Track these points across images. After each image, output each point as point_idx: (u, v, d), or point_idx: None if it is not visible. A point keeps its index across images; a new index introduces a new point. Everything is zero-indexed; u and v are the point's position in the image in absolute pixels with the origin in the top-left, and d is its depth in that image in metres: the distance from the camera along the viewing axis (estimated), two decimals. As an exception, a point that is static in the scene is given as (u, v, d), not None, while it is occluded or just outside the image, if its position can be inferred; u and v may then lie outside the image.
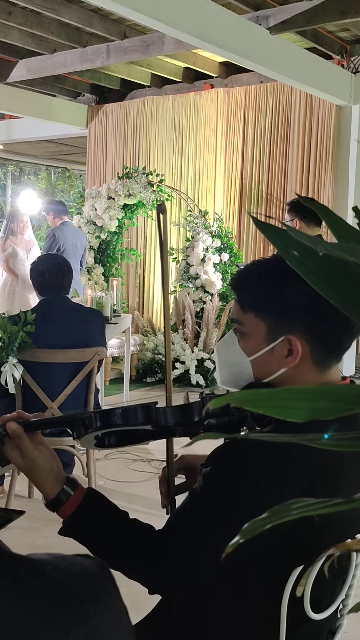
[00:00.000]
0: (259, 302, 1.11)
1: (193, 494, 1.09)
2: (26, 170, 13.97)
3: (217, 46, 4.55)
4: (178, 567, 1.07)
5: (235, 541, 0.44)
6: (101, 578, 0.60)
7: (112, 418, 1.11)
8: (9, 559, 0.57)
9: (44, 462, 1.12)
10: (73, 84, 7.59)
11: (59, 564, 0.58)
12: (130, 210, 6.86)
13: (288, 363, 1.10)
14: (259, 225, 0.64)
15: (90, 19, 5.35)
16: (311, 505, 0.43)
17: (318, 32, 5.54)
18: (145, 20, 4.12)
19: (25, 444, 1.11)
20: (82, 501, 1.12)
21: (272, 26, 4.95)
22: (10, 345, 2.96)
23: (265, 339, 1.11)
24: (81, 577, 0.58)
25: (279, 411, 0.45)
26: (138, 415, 1.11)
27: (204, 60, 6.51)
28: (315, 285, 0.63)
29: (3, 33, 5.63)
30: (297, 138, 6.39)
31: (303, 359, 1.10)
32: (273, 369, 1.11)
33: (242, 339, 1.15)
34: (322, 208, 0.64)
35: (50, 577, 0.56)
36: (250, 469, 1.03)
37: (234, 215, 6.87)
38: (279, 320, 1.10)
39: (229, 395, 0.44)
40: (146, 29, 5.46)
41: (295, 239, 0.63)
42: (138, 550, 1.10)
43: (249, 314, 1.13)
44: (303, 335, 1.09)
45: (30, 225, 6.34)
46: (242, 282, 1.15)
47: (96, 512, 1.13)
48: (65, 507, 1.12)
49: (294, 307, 1.08)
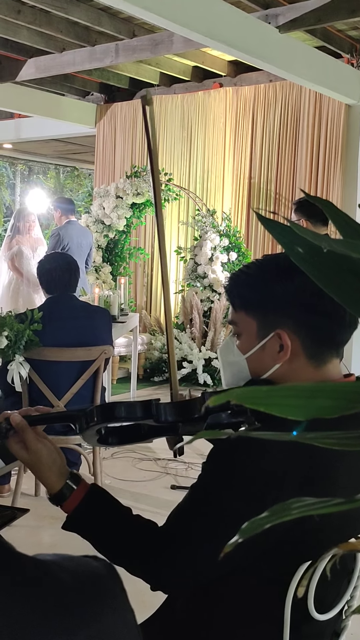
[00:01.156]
0: (247, 300, 1.15)
1: (193, 491, 1.09)
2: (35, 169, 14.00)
3: (226, 45, 4.53)
4: (178, 566, 1.08)
5: (234, 540, 0.43)
6: (108, 579, 0.60)
7: (112, 412, 1.11)
8: (14, 559, 0.57)
9: (48, 454, 1.13)
10: (82, 82, 7.60)
11: (65, 564, 0.58)
12: (139, 209, 6.86)
13: (280, 358, 1.12)
14: (262, 221, 0.64)
15: (99, 17, 5.35)
16: (312, 505, 0.42)
17: (328, 30, 5.51)
18: (154, 19, 4.11)
19: (29, 436, 1.12)
20: (85, 496, 1.13)
21: (282, 25, 4.93)
22: (17, 344, 2.97)
23: (257, 336, 1.14)
24: (88, 578, 0.58)
25: (280, 409, 0.44)
26: (138, 410, 1.11)
27: (213, 59, 6.50)
28: (320, 282, 0.62)
29: (12, 32, 5.64)
30: (306, 137, 6.37)
31: (295, 354, 1.11)
32: (268, 366, 1.13)
33: (238, 339, 1.17)
34: (327, 204, 0.63)
35: (56, 577, 0.56)
36: (249, 467, 1.04)
37: (242, 215, 6.86)
38: (267, 316, 1.13)
39: (229, 392, 0.44)
40: (155, 27, 5.45)
41: (300, 235, 0.62)
42: (139, 547, 1.10)
43: (240, 313, 1.16)
44: (292, 329, 1.11)
45: (38, 224, 6.35)
46: (232, 284, 1.19)
47: (99, 507, 1.14)
48: (69, 502, 1.13)
49: (280, 302, 1.11)
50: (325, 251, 0.61)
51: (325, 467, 1.05)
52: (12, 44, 6.11)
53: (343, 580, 1.14)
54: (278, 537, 1.01)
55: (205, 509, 1.06)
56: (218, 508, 1.04)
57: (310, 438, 0.47)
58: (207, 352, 6.07)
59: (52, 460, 1.13)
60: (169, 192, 6.65)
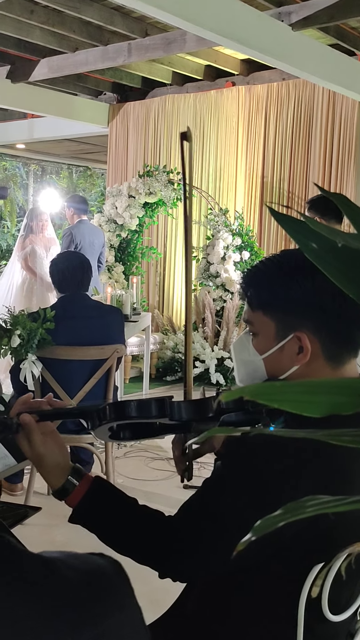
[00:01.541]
0: (265, 301, 1.12)
1: (205, 485, 1.09)
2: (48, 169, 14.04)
3: (239, 43, 4.52)
4: (186, 553, 1.08)
5: (247, 538, 0.42)
6: (115, 577, 0.59)
7: (126, 410, 1.11)
8: (19, 557, 0.56)
9: (50, 459, 1.14)
10: (95, 82, 7.61)
11: (71, 562, 0.58)
12: (151, 208, 6.86)
13: (299, 360, 1.10)
14: (276, 217, 0.63)
15: (111, 17, 5.35)
16: (327, 503, 0.41)
17: (341, 28, 5.47)
18: (167, 18, 4.10)
19: (35, 438, 1.13)
20: (88, 491, 1.13)
21: (295, 22, 4.90)
22: (30, 342, 2.97)
23: (275, 337, 1.12)
24: (93, 576, 0.57)
25: (294, 405, 0.43)
26: (152, 409, 1.11)
27: (226, 57, 6.48)
28: (334, 278, 0.62)
29: (25, 32, 5.65)
30: (319, 135, 6.34)
31: (314, 355, 1.09)
32: (285, 367, 1.11)
33: (254, 338, 1.15)
34: (340, 198, 0.62)
35: (61, 575, 0.55)
36: (262, 467, 1.03)
37: (255, 214, 6.83)
38: (286, 318, 1.10)
39: (242, 388, 0.43)
40: (167, 26, 5.45)
41: (314, 230, 0.61)
42: (147, 535, 1.11)
43: (257, 313, 1.14)
44: (312, 330, 1.09)
45: (51, 224, 6.37)
46: (248, 281, 1.16)
47: (103, 500, 1.14)
48: (72, 497, 1.14)
49: (300, 304, 1.09)
50: (340, 246, 0.60)
51: (341, 466, 1.04)
52: (25, 44, 6.13)
53: (358, 580, 1.12)
54: (292, 535, 1.00)
55: (216, 503, 1.06)
56: (229, 503, 1.04)
57: (326, 435, 0.46)
58: (220, 352, 6.05)
59: (55, 464, 1.14)
60: (181, 192, 6.64)
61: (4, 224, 12.77)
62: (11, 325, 3.04)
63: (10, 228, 12.91)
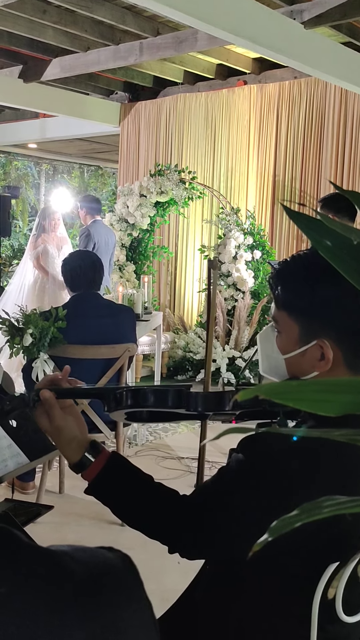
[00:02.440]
0: (290, 303, 1.11)
1: (221, 473, 1.11)
2: (59, 168, 14.08)
3: (251, 41, 4.51)
4: (196, 537, 1.10)
5: (263, 539, 0.42)
6: (122, 571, 0.59)
7: (143, 398, 1.13)
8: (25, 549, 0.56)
9: (69, 432, 1.16)
10: (106, 82, 7.62)
11: (78, 555, 0.58)
12: (162, 207, 6.86)
13: (320, 367, 1.09)
14: (290, 214, 0.62)
15: (123, 16, 5.36)
16: (343, 504, 0.40)
17: (353, 26, 5.44)
18: (179, 16, 4.10)
19: (55, 412, 1.15)
20: (104, 467, 1.15)
21: (307, 20, 4.88)
22: (42, 341, 2.98)
23: (298, 340, 1.11)
24: (100, 569, 0.57)
25: (310, 404, 0.43)
26: (169, 399, 1.12)
27: (237, 56, 6.47)
28: (349, 276, 0.61)
29: (37, 32, 5.67)
30: (331, 134, 6.31)
31: (336, 363, 1.09)
32: (306, 371, 1.11)
33: (278, 335, 1.15)
34: (355, 195, 0.62)
35: (67, 568, 0.55)
36: (275, 464, 1.03)
37: (267, 213, 6.81)
38: (311, 323, 1.09)
39: (258, 387, 0.43)
40: (179, 25, 5.44)
41: (328, 227, 0.60)
42: (160, 512, 1.13)
43: (282, 313, 1.13)
44: (334, 340, 1.08)
45: (63, 223, 6.39)
46: (277, 279, 1.15)
47: (119, 476, 1.16)
48: (88, 471, 1.16)
49: (325, 311, 1.07)
50: (355, 243, 0.59)
51: (357, 466, 1.04)
52: (37, 44, 6.15)
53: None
54: (309, 534, 0.99)
55: (230, 494, 1.07)
56: (242, 497, 1.05)
57: (342, 435, 0.46)
58: (231, 351, 6.04)
59: (72, 437, 1.16)
60: (193, 191, 6.64)
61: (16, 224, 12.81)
62: (23, 324, 3.05)
63: (22, 227, 12.96)
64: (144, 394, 1.13)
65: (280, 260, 1.21)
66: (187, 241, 7.39)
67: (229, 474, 1.09)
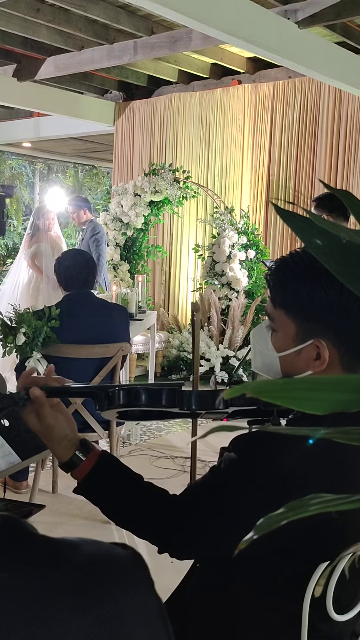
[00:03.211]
0: (288, 302, 1.10)
1: (213, 473, 1.10)
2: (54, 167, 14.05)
3: (245, 41, 4.51)
4: (185, 536, 1.10)
5: (249, 537, 0.42)
6: (129, 565, 0.59)
7: (135, 397, 1.13)
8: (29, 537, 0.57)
9: (59, 430, 1.15)
10: (100, 81, 7.61)
11: (84, 547, 0.58)
12: (157, 207, 6.86)
13: (316, 367, 1.09)
14: (280, 213, 0.62)
15: (117, 15, 5.35)
16: (330, 501, 0.40)
17: (347, 25, 5.45)
18: (173, 16, 4.09)
19: (45, 411, 1.14)
20: (94, 466, 1.14)
21: (301, 20, 4.89)
22: (35, 340, 2.97)
23: (294, 339, 1.10)
24: (104, 561, 0.57)
25: (298, 402, 0.43)
26: (162, 398, 1.12)
27: (232, 55, 6.47)
28: (339, 275, 0.61)
29: (31, 30, 5.66)
30: (325, 133, 6.32)
31: (331, 364, 1.08)
32: (300, 370, 1.10)
33: (273, 333, 1.15)
34: (345, 194, 0.62)
35: (68, 557, 0.56)
36: (268, 464, 1.03)
37: (261, 212, 6.82)
38: (308, 323, 1.09)
39: (245, 385, 0.42)
40: (173, 24, 5.44)
41: (319, 226, 0.60)
42: (149, 512, 1.13)
43: (279, 311, 1.12)
44: (332, 340, 1.07)
45: (57, 222, 6.38)
46: (275, 277, 1.14)
47: (109, 476, 1.16)
48: (78, 470, 1.15)
49: (324, 311, 1.07)
50: (345, 242, 0.59)
51: (347, 465, 1.04)
52: (31, 43, 6.13)
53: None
54: (297, 535, 1.00)
55: (221, 491, 1.07)
56: (234, 497, 1.05)
57: (330, 433, 0.46)
58: (225, 350, 6.05)
59: (63, 436, 1.15)
60: (187, 190, 6.64)
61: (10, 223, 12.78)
62: (16, 323, 3.04)
63: (17, 226, 12.93)
64: (136, 393, 1.12)
65: (277, 258, 1.19)
66: (181, 240, 7.39)
67: (220, 473, 1.09)
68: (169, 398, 1.11)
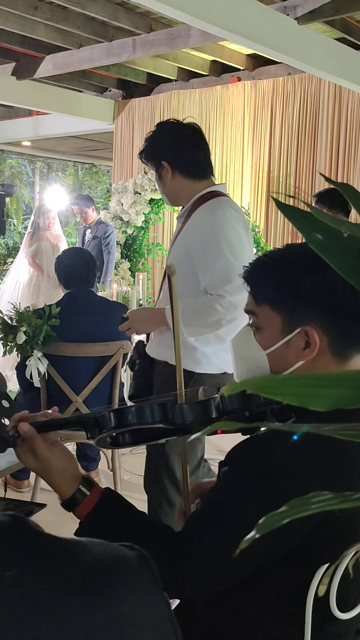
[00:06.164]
0: (273, 294, 1.09)
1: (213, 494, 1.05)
2: (54, 166, 14.04)
3: (245, 37, 4.49)
4: (199, 570, 1.04)
5: (251, 536, 0.41)
6: (136, 567, 0.59)
7: (126, 417, 1.08)
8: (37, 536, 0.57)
9: (58, 463, 1.10)
10: (99, 79, 7.59)
11: (92, 547, 0.58)
12: (157, 205, 6.84)
13: (306, 355, 1.07)
14: (281, 208, 0.62)
15: (116, 12, 5.33)
16: (332, 499, 0.40)
17: (347, 21, 5.43)
18: (172, 12, 4.08)
19: (38, 445, 1.09)
20: (98, 502, 1.09)
21: (300, 16, 4.87)
22: (35, 339, 2.97)
23: (281, 331, 1.09)
24: (112, 561, 0.57)
25: (298, 399, 0.42)
26: (154, 414, 1.08)
27: (231, 52, 6.45)
28: (339, 269, 0.60)
29: (29, 29, 5.64)
30: (325, 130, 6.30)
31: (321, 351, 1.07)
32: (290, 362, 1.09)
33: (257, 333, 1.12)
34: (347, 188, 0.61)
35: (76, 557, 0.56)
36: (272, 465, 0.99)
37: (261, 209, 6.81)
38: (294, 312, 1.07)
39: (245, 382, 0.42)
40: (172, 22, 5.42)
41: (319, 220, 0.60)
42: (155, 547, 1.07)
43: (263, 307, 1.11)
44: (320, 326, 1.06)
45: (58, 221, 6.38)
46: (255, 273, 1.13)
47: (113, 512, 1.11)
48: (81, 507, 1.10)
49: (309, 298, 1.06)
50: (346, 236, 0.59)
51: (348, 462, 1.03)
52: (29, 41, 6.12)
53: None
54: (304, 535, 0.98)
55: (228, 509, 1.01)
56: (241, 508, 1.00)
57: (331, 430, 0.45)
58: (226, 348, 6.04)
59: (63, 469, 1.10)
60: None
61: (11, 222, 12.78)
62: (17, 321, 3.03)
63: (17, 225, 12.92)
64: (126, 413, 1.08)
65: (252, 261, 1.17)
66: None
67: (219, 492, 1.04)
68: (160, 413, 1.07)
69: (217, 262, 2.04)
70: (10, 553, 0.54)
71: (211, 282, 2.07)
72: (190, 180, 2.27)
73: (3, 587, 0.51)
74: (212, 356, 2.22)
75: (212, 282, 2.07)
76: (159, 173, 2.31)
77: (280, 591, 1.07)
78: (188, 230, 2.22)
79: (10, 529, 0.57)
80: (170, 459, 2.24)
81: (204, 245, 2.11)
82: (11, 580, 0.51)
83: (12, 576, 0.51)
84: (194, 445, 2.20)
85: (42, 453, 1.09)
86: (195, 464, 2.30)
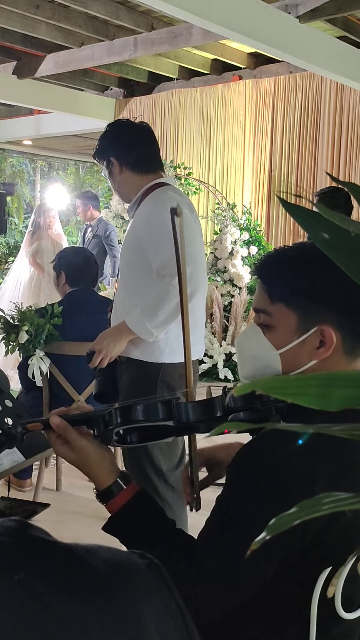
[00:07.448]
0: (289, 291, 1.07)
1: (221, 502, 1.04)
2: (55, 165, 14.03)
3: (246, 36, 4.49)
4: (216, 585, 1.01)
5: (261, 537, 0.41)
6: (147, 573, 0.58)
7: (132, 414, 1.08)
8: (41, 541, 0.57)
9: (95, 449, 1.09)
10: (101, 77, 7.59)
11: (100, 553, 0.57)
12: (158, 203, 6.84)
13: (319, 355, 1.06)
14: (286, 207, 0.61)
15: (117, 11, 5.33)
16: (343, 500, 0.40)
17: (348, 19, 5.43)
18: (173, 11, 4.08)
19: (72, 436, 1.08)
20: (133, 497, 1.09)
21: (302, 15, 4.86)
22: (37, 338, 2.97)
23: (296, 330, 1.06)
24: (121, 567, 0.57)
25: (309, 399, 0.42)
26: (159, 411, 1.08)
27: (232, 51, 6.44)
28: (346, 268, 0.60)
29: (31, 27, 5.64)
30: (327, 128, 6.29)
31: (334, 349, 1.06)
32: (302, 362, 1.07)
33: (269, 331, 1.10)
34: (353, 186, 0.61)
35: (84, 561, 0.55)
36: (279, 465, 0.98)
37: (263, 208, 6.80)
38: (310, 310, 1.06)
39: (255, 382, 0.41)
40: (174, 20, 5.42)
41: (325, 220, 0.59)
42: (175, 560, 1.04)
43: (278, 305, 1.08)
44: (335, 325, 1.05)
45: (59, 220, 6.37)
46: (269, 271, 1.10)
47: (144, 511, 1.10)
48: (116, 500, 1.09)
49: (325, 296, 1.04)
50: (353, 235, 0.58)
51: (353, 462, 1.02)
52: (31, 40, 6.11)
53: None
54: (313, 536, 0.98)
55: (238, 516, 1.00)
56: (250, 518, 0.98)
57: (341, 430, 0.45)
58: (228, 347, 6.04)
59: (101, 456, 1.10)
60: (189, 186, 6.62)
61: (12, 221, 12.77)
62: (19, 321, 3.03)
63: (18, 224, 12.92)
64: (131, 410, 1.08)
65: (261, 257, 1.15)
66: (183, 237, 7.37)
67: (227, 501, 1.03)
68: (166, 411, 1.07)
69: (165, 243, 2.05)
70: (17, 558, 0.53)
71: (162, 261, 2.12)
72: (138, 175, 2.34)
73: (12, 588, 0.50)
74: (174, 342, 2.23)
75: (163, 261, 2.11)
76: (110, 170, 2.39)
77: (286, 592, 1.06)
78: (136, 221, 2.30)
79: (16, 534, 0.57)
80: (154, 456, 2.25)
81: (151, 230, 2.18)
82: (20, 583, 0.51)
83: (20, 579, 0.51)
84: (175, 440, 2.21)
85: (78, 443, 1.08)
86: (179, 455, 2.33)
